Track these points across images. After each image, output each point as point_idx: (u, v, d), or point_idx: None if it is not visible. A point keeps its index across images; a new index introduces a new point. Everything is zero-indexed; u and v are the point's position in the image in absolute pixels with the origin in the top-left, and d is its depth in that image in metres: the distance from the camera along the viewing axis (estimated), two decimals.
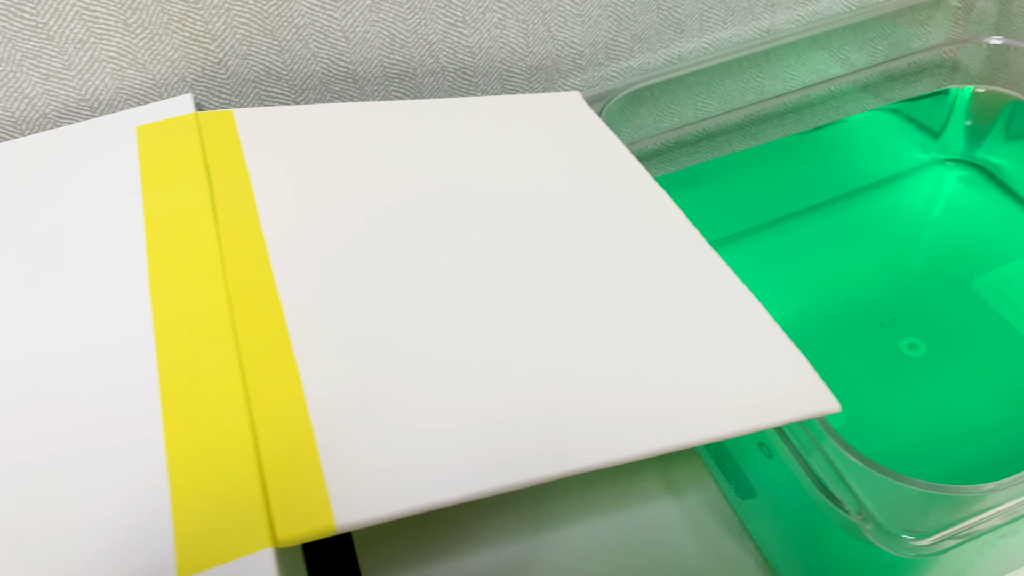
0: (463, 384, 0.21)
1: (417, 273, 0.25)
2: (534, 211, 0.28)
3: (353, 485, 0.19)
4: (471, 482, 0.19)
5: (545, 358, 0.23)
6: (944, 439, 0.34)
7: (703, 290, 0.26)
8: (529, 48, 0.34)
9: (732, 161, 0.42)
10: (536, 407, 0.21)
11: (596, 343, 0.24)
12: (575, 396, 0.22)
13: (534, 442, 0.20)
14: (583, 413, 0.22)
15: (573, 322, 0.24)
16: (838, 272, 0.39)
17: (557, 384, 0.22)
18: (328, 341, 0.22)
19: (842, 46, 0.39)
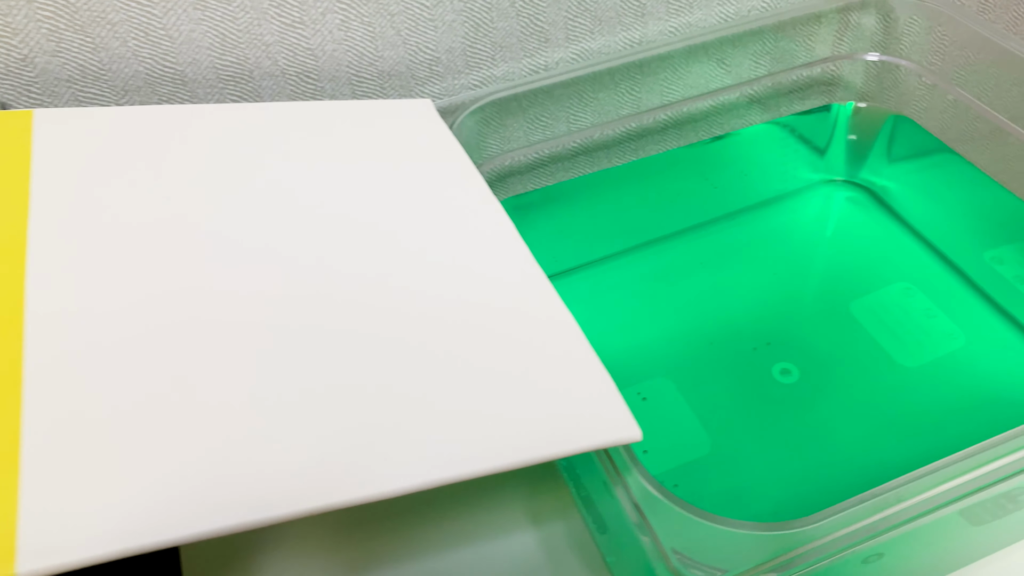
0: (203, 421, 0.19)
1: (192, 297, 0.22)
2: (354, 224, 0.26)
3: (56, 528, 0.16)
4: (190, 523, 0.17)
5: (340, 381, 0.21)
6: (810, 467, 0.32)
7: (525, 314, 0.24)
8: (378, 52, 0.32)
9: (610, 176, 0.40)
10: (291, 441, 0.19)
11: (394, 365, 0.22)
12: (350, 427, 0.20)
13: (271, 479, 0.18)
14: (363, 443, 0.20)
15: (371, 344, 0.22)
16: (716, 294, 0.37)
17: (324, 416, 0.20)
18: (66, 372, 0.19)
19: (722, 59, 0.38)
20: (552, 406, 0.22)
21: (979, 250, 0.37)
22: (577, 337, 0.24)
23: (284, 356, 0.21)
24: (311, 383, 0.21)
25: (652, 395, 0.34)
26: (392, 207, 0.27)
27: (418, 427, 0.20)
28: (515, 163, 0.37)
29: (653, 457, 0.32)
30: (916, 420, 0.33)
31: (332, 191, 0.27)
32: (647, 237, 0.39)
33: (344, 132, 0.30)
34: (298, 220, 0.26)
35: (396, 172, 0.28)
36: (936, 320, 0.35)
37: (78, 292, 0.21)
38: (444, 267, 0.25)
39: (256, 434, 0.19)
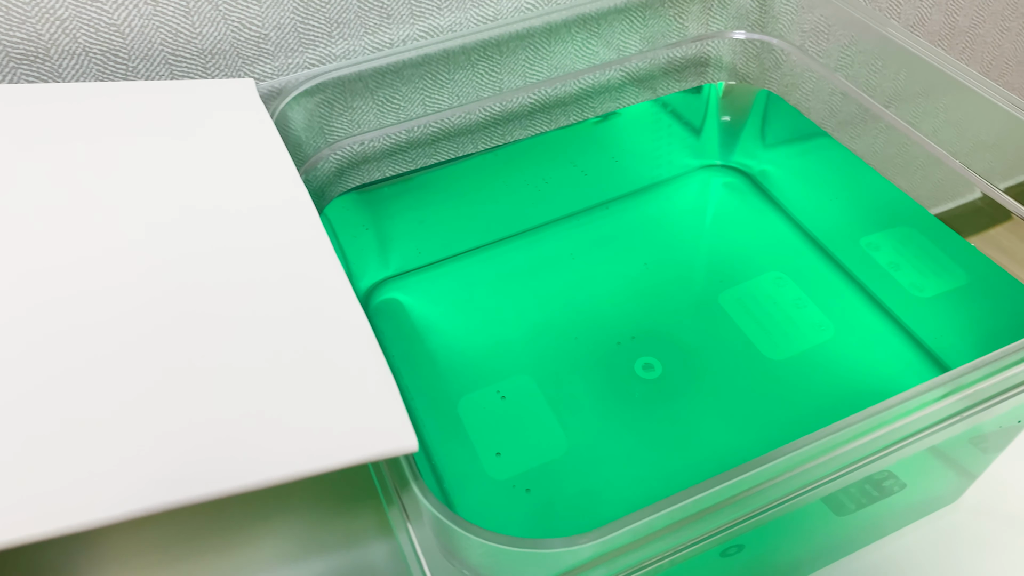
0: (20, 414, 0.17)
1: None
2: (145, 216, 0.24)
3: None
4: None
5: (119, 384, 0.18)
6: (670, 465, 0.31)
7: (319, 317, 0.22)
8: (196, 29, 0.29)
9: (475, 163, 0.38)
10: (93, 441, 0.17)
11: (164, 368, 0.19)
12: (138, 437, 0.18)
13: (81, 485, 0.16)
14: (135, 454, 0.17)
15: (147, 343, 0.20)
16: (584, 287, 0.35)
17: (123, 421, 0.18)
18: None
19: (588, 38, 0.36)
20: (330, 415, 0.19)
21: (855, 237, 0.36)
22: (368, 342, 0.21)
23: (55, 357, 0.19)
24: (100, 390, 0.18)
25: (512, 393, 0.32)
26: (192, 196, 0.25)
27: (185, 439, 0.18)
28: (367, 148, 0.35)
29: (507, 459, 0.30)
30: (781, 414, 0.31)
31: (128, 176, 0.25)
32: (514, 228, 0.37)
33: (147, 114, 0.27)
34: (89, 209, 0.23)
35: (203, 158, 0.26)
36: (806, 310, 0.34)
37: None
38: (236, 262, 0.23)
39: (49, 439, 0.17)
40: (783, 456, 0.21)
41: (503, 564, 0.19)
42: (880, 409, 0.22)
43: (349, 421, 0.19)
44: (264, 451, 0.18)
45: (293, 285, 0.22)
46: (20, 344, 0.19)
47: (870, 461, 0.22)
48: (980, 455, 0.31)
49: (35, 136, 0.25)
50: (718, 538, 0.21)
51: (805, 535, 0.29)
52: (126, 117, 0.27)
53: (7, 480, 0.17)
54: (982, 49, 0.47)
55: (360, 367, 0.20)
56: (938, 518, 0.32)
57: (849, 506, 0.28)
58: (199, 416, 0.19)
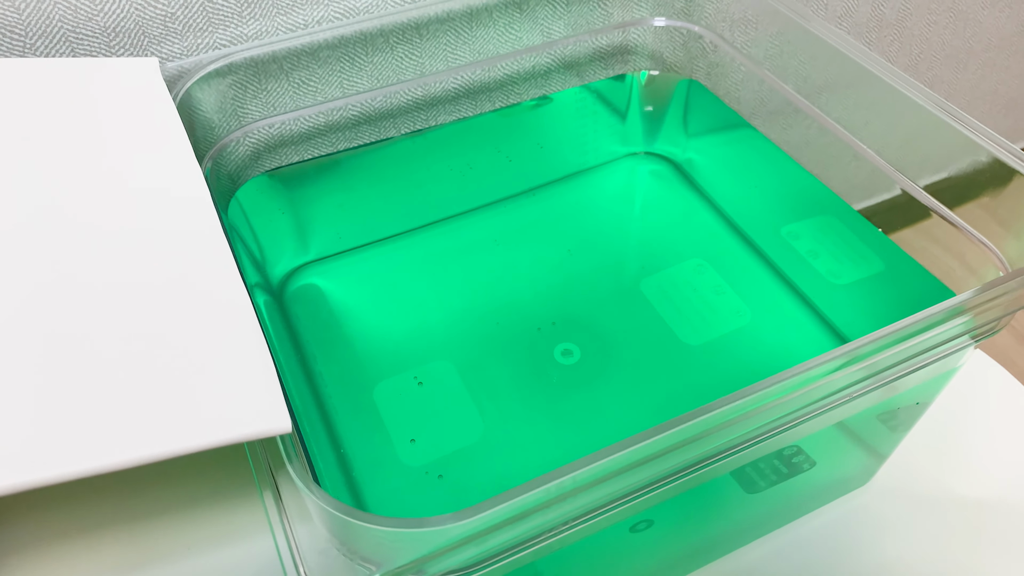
0: None
1: None
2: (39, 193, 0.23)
3: None
4: None
5: None
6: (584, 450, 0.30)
7: (203, 295, 0.21)
8: (97, 6, 0.28)
9: (398, 148, 0.37)
10: None
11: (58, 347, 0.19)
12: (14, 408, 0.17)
13: None
14: None
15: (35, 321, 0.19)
16: (507, 273, 0.35)
17: None
18: None
19: (510, 23, 0.35)
20: (205, 395, 0.19)
21: (776, 226, 0.36)
22: (249, 323, 0.21)
23: None
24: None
25: (429, 379, 0.32)
26: (85, 176, 0.24)
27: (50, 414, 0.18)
28: (285, 131, 0.34)
29: (421, 445, 0.30)
30: (697, 398, 0.31)
31: (21, 154, 0.24)
32: (437, 215, 0.36)
33: (45, 92, 0.26)
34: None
35: (98, 138, 0.25)
36: (725, 297, 0.34)
37: None
38: (124, 241, 0.22)
39: None
40: (685, 423, 0.21)
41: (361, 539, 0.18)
42: (782, 378, 0.21)
43: (223, 401, 0.19)
44: (130, 430, 0.18)
45: (179, 266, 0.22)
46: None
47: (776, 432, 0.22)
48: (889, 434, 0.31)
49: None
50: (623, 510, 0.21)
51: (717, 512, 0.29)
52: (22, 95, 0.26)
53: None
54: (910, 42, 0.48)
55: (239, 348, 0.20)
56: (850, 499, 0.32)
57: (760, 483, 0.28)
58: (66, 390, 0.18)
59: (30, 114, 0.25)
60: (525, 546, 0.20)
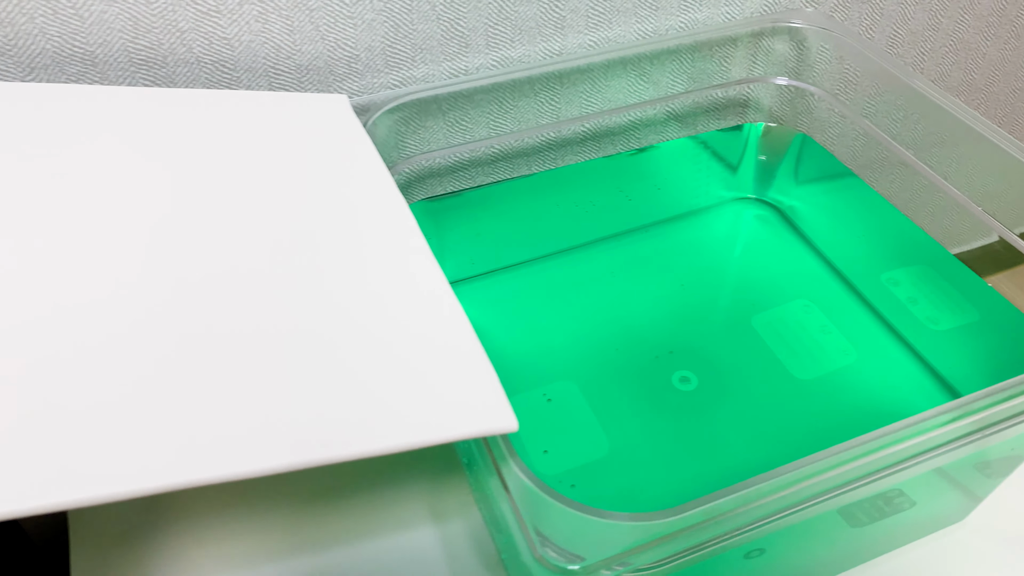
0: (124, 385, 0.19)
1: (108, 273, 0.22)
2: (265, 213, 0.26)
3: None
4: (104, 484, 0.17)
5: (228, 362, 0.21)
6: (706, 473, 0.33)
7: (418, 307, 0.25)
8: (296, 46, 0.32)
9: (529, 183, 0.41)
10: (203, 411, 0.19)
11: (286, 349, 0.22)
12: (246, 404, 0.20)
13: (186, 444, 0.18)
14: (248, 421, 0.20)
15: (261, 326, 0.22)
16: (624, 303, 0.38)
17: (229, 390, 0.20)
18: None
19: (639, 76, 0.39)
20: (433, 395, 0.22)
21: (876, 272, 0.39)
22: (466, 331, 0.24)
23: (185, 333, 0.21)
24: (214, 366, 0.21)
25: (557, 397, 0.35)
26: (296, 199, 0.27)
27: (293, 410, 0.21)
28: (434, 164, 0.38)
29: (553, 457, 0.33)
30: (806, 429, 0.34)
31: (237, 178, 0.27)
32: (561, 245, 0.40)
33: (254, 122, 0.30)
34: (202, 207, 0.26)
35: (304, 164, 0.29)
36: (831, 336, 0.37)
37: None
38: (342, 256, 0.26)
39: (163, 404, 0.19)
40: (803, 466, 0.23)
41: (585, 533, 0.21)
42: (892, 430, 0.24)
43: (453, 399, 0.22)
44: (365, 422, 0.21)
45: (394, 278, 0.25)
46: (154, 316, 0.22)
47: (881, 477, 0.25)
48: (985, 480, 0.34)
49: (152, 135, 0.28)
50: (742, 538, 0.24)
51: (821, 543, 0.32)
52: (235, 122, 0.29)
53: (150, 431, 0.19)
54: (995, 106, 0.51)
55: (457, 349, 0.23)
56: (945, 535, 0.35)
57: (862, 519, 0.31)
58: (312, 384, 0.21)
59: (244, 137, 0.29)
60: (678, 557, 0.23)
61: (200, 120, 0.29)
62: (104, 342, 0.20)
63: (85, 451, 0.18)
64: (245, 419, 0.20)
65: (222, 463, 0.19)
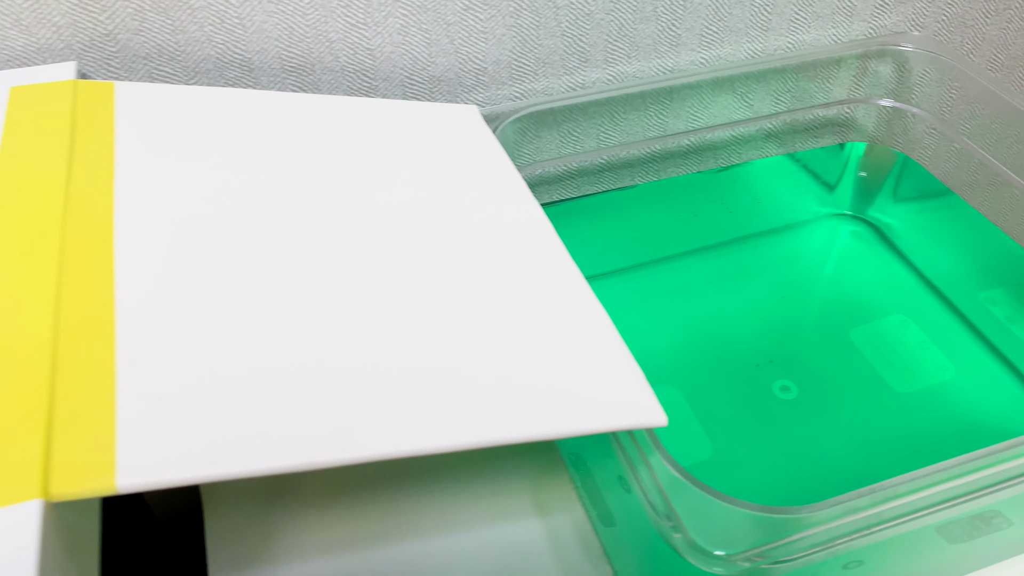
0: (294, 362, 0.21)
1: (263, 261, 0.24)
2: (407, 215, 0.28)
3: (147, 448, 0.18)
4: (268, 458, 0.19)
5: (378, 349, 0.23)
6: (805, 480, 0.34)
7: (560, 304, 0.26)
8: (432, 58, 0.34)
9: (632, 194, 0.42)
10: (371, 393, 0.21)
11: (436, 339, 0.24)
12: (408, 387, 0.22)
13: (349, 425, 0.20)
14: (415, 403, 0.21)
15: (417, 315, 0.24)
16: (723, 312, 0.39)
17: (384, 375, 0.22)
18: (156, 311, 0.21)
19: (745, 93, 0.40)
20: (583, 388, 0.24)
21: (975, 290, 0.40)
22: (608, 329, 0.26)
23: (336, 321, 0.23)
24: (359, 350, 0.23)
25: (660, 400, 0.36)
26: (436, 201, 0.29)
27: (455, 394, 0.22)
28: (545, 173, 0.39)
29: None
30: (904, 442, 0.35)
31: (381, 182, 0.29)
32: (662, 254, 0.41)
33: (395, 129, 0.32)
34: (351, 207, 0.28)
35: (442, 168, 0.31)
36: (929, 352, 0.38)
37: (162, 247, 0.23)
38: (488, 253, 0.27)
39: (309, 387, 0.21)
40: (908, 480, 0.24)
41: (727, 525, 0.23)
42: (996, 450, 0.25)
43: (607, 394, 0.23)
44: (538, 413, 0.22)
45: (537, 276, 0.27)
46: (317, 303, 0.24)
47: (978, 496, 0.26)
48: None
49: (304, 138, 0.30)
50: (842, 547, 0.25)
51: (917, 557, 0.33)
52: (378, 128, 0.32)
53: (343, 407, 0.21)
54: None
55: (607, 350, 0.25)
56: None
57: (959, 536, 0.32)
58: (478, 377, 0.23)
59: (382, 143, 0.31)
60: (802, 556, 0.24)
61: (347, 125, 0.31)
62: (270, 326, 0.22)
63: (256, 424, 0.20)
64: (410, 403, 0.22)
65: (388, 441, 0.21)
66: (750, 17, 0.38)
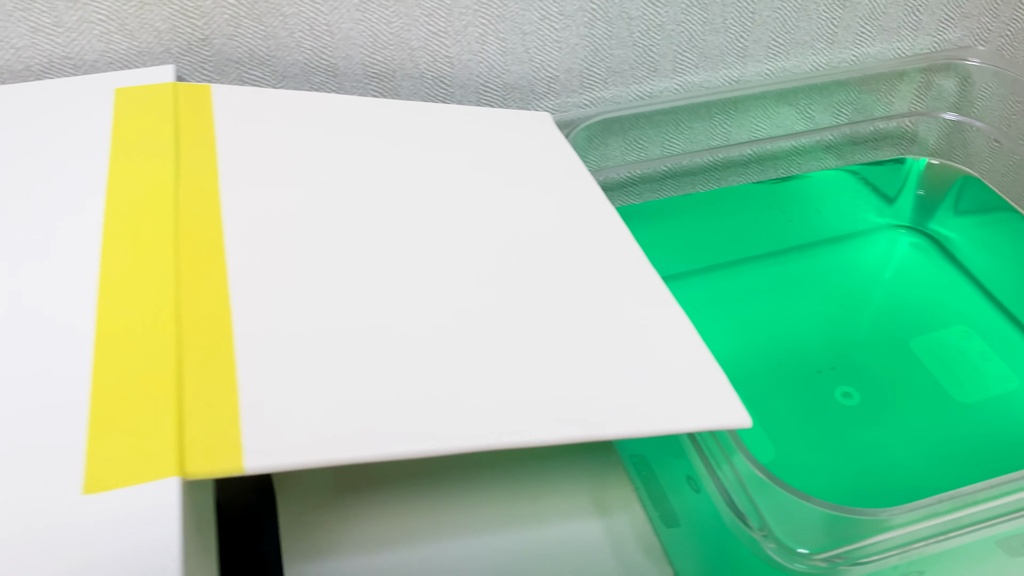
0: (393, 354, 0.22)
1: (362, 257, 0.25)
2: (489, 217, 0.29)
3: (268, 433, 0.19)
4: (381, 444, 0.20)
5: (475, 346, 0.24)
6: (866, 487, 0.35)
7: (638, 303, 0.27)
8: (507, 66, 0.35)
9: (693, 201, 0.43)
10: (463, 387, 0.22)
11: (524, 337, 0.25)
12: (501, 382, 0.23)
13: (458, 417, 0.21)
14: (508, 398, 0.22)
15: (504, 315, 0.25)
16: (784, 319, 0.40)
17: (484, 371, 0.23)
18: (267, 302, 0.22)
19: (808, 105, 0.41)
20: (669, 388, 0.24)
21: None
22: (689, 331, 0.26)
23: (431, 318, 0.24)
24: (454, 348, 0.24)
25: None
26: (520, 204, 0.30)
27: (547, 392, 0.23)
28: (609, 180, 0.40)
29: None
30: (966, 452, 0.35)
31: (466, 186, 0.30)
32: (723, 260, 0.42)
33: (475, 134, 0.33)
34: (441, 209, 0.29)
35: (523, 173, 0.31)
36: (991, 363, 0.38)
37: (270, 241, 0.24)
38: (565, 256, 0.28)
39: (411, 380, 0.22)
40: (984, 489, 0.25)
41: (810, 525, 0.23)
42: None
43: (692, 395, 0.24)
44: (626, 413, 0.23)
45: (618, 277, 0.28)
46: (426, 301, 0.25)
47: None
48: None
49: (387, 141, 0.31)
50: (914, 553, 0.25)
51: (977, 569, 0.33)
52: (458, 133, 0.33)
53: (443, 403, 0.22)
54: None
55: (691, 355, 0.25)
56: None
57: (1018, 549, 0.32)
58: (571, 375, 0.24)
59: (463, 147, 0.32)
60: None
61: (430, 130, 0.32)
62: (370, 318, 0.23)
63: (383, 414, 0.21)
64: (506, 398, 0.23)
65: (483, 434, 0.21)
66: (816, 30, 0.39)
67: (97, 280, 0.22)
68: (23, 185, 0.25)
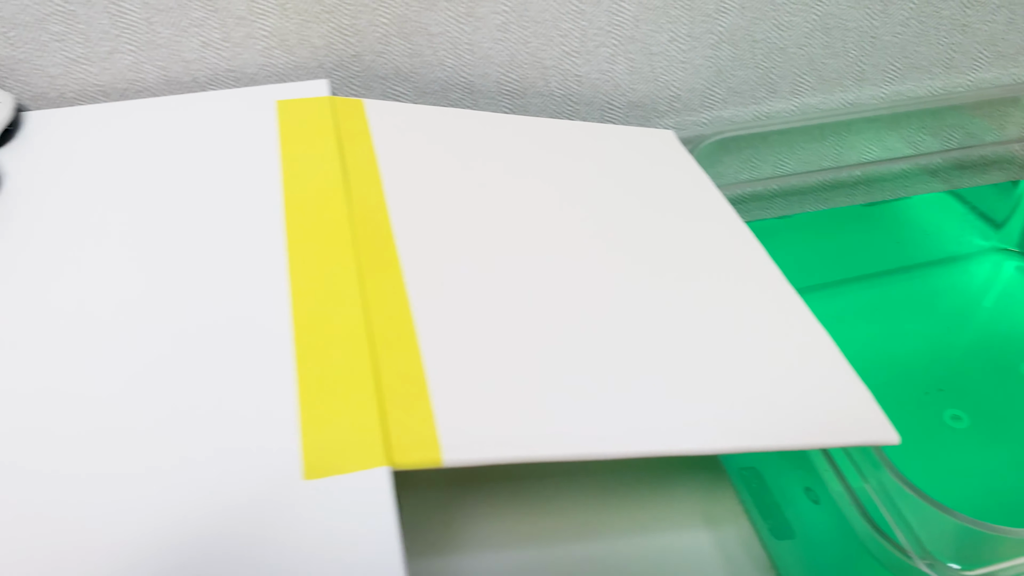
0: (559, 358, 0.23)
1: (517, 266, 0.27)
2: (634, 232, 0.30)
3: (460, 430, 0.21)
4: (557, 445, 0.21)
5: (637, 358, 0.25)
6: (974, 507, 0.35)
7: (780, 320, 0.28)
8: (632, 85, 0.36)
9: (801, 221, 0.44)
10: (631, 396, 0.23)
11: (684, 350, 0.26)
12: (664, 394, 0.24)
13: (628, 424, 0.22)
14: (673, 408, 0.23)
15: (664, 329, 0.26)
16: (890, 339, 0.40)
17: (648, 383, 0.24)
18: (443, 306, 0.24)
19: (919, 129, 0.41)
20: (817, 403, 0.25)
21: None
22: (830, 346, 0.27)
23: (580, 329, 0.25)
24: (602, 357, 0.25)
25: None
26: (658, 219, 0.31)
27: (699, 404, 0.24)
28: None
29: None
30: None
31: (596, 201, 0.31)
32: (829, 279, 0.42)
33: (607, 151, 0.34)
34: (583, 223, 0.30)
35: (656, 188, 0.33)
36: None
37: (439, 251, 0.26)
38: (707, 272, 0.29)
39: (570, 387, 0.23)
40: None
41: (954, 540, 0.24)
42: None
43: (839, 410, 0.25)
44: (776, 426, 0.24)
45: (755, 295, 0.29)
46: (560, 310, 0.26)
47: None
48: None
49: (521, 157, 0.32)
50: None
51: None
52: (587, 150, 0.34)
53: None
54: None
55: (834, 369, 0.26)
56: None
57: None
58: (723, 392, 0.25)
59: (593, 163, 0.33)
60: None
61: (565, 146, 0.33)
62: (530, 325, 0.25)
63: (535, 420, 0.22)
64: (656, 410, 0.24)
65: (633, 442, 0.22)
66: (935, 55, 0.39)
67: (288, 284, 0.24)
68: (204, 194, 0.27)
